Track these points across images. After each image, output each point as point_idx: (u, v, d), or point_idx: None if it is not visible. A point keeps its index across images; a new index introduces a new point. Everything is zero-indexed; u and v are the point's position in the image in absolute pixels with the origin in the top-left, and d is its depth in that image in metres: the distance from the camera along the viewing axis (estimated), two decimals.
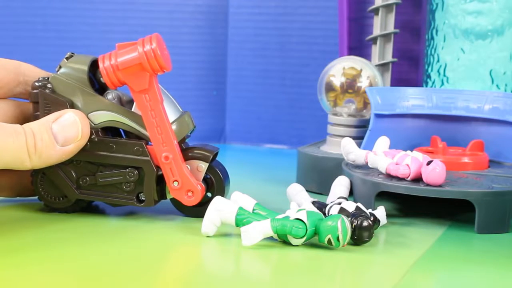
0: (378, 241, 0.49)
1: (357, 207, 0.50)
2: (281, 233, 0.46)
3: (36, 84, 0.52)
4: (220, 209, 0.48)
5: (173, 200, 0.53)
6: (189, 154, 0.53)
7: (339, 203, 0.51)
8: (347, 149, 0.57)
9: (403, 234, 0.51)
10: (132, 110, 0.52)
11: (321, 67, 0.69)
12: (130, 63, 0.50)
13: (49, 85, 0.51)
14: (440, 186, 0.52)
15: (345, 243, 0.46)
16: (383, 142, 0.57)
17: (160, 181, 0.52)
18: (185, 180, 0.51)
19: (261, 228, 0.46)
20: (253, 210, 0.49)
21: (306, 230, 0.46)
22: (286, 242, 0.47)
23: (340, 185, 0.55)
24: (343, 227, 0.45)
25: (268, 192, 0.62)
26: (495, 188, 0.52)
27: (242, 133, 0.89)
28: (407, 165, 0.53)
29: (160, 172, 0.52)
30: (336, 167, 0.60)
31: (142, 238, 0.49)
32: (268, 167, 0.76)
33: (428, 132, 0.62)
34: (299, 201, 0.53)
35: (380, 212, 0.52)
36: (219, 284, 0.42)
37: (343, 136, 0.61)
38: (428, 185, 0.52)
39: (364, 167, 0.57)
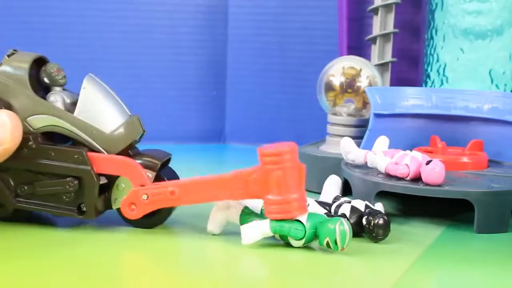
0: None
1: (366, 205, 0.50)
2: (280, 233, 0.46)
3: None
4: (226, 208, 0.48)
5: (119, 210, 0.50)
6: (137, 161, 0.49)
7: (349, 202, 0.50)
8: (347, 148, 0.57)
9: (402, 234, 0.51)
10: (75, 114, 0.49)
11: (321, 67, 0.69)
12: None
13: None
14: (439, 185, 0.52)
15: (344, 247, 0.45)
16: (382, 142, 0.57)
17: (104, 190, 0.49)
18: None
19: (261, 228, 0.46)
20: (262, 210, 0.49)
21: (305, 232, 0.46)
22: (288, 244, 0.47)
23: (333, 184, 0.55)
24: (341, 231, 0.45)
25: None
26: (494, 188, 0.52)
27: (242, 133, 0.89)
28: (406, 164, 0.53)
29: (102, 182, 0.49)
30: (335, 166, 0.60)
31: (144, 237, 0.49)
32: None
33: (428, 132, 0.62)
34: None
35: (379, 209, 0.51)
36: (218, 284, 0.42)
37: (342, 136, 0.61)
38: (427, 184, 0.52)
39: (364, 166, 0.57)
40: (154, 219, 0.50)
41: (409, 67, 0.78)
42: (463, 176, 0.55)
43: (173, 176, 0.51)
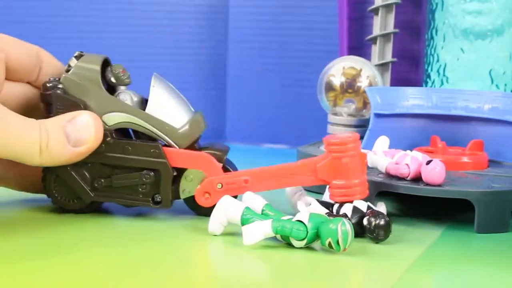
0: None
1: (368, 206, 0.50)
2: (282, 234, 0.46)
3: (48, 85, 0.50)
4: (227, 209, 0.48)
5: (186, 200, 0.53)
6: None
7: (351, 202, 0.50)
8: None
9: (403, 234, 0.51)
10: (146, 110, 0.51)
11: (321, 67, 0.69)
12: None
13: (60, 86, 0.50)
14: (439, 185, 0.52)
15: (346, 247, 0.45)
16: (382, 142, 0.57)
17: (173, 182, 0.52)
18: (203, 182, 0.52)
19: (262, 228, 0.46)
20: (262, 211, 0.49)
21: (307, 232, 0.46)
22: (290, 244, 0.47)
23: None
24: (343, 231, 0.45)
25: (267, 192, 0.62)
26: (494, 188, 0.52)
27: (242, 133, 0.89)
28: (407, 164, 0.53)
29: (175, 173, 0.51)
30: None
31: (147, 238, 0.49)
32: None
33: (428, 132, 0.62)
34: (304, 201, 0.53)
35: (381, 208, 0.52)
36: (219, 285, 0.42)
37: None
38: (427, 184, 0.52)
39: None
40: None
41: (409, 67, 0.78)
42: (463, 176, 0.56)
43: (233, 166, 0.54)
